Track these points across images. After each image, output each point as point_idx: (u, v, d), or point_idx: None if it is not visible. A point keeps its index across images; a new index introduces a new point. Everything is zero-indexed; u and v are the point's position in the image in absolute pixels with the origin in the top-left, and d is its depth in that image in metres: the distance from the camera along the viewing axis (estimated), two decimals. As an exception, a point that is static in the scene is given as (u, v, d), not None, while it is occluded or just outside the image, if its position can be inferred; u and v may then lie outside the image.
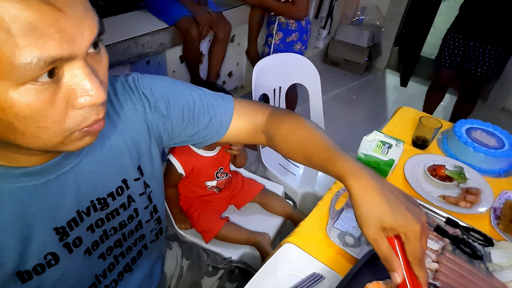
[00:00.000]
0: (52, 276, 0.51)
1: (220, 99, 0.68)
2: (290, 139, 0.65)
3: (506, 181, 1.02)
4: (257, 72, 1.39)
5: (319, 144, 0.61)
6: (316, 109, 1.62)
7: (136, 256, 0.68)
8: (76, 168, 0.51)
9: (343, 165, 0.55)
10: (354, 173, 0.53)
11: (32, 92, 0.36)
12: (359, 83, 3.35)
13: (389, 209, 0.48)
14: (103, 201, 0.56)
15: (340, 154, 0.57)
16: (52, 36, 0.34)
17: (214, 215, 1.19)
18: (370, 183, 0.51)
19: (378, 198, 0.49)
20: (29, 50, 0.33)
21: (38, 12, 0.33)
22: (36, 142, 0.40)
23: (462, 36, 2.06)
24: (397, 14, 3.34)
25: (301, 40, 2.06)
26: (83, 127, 0.42)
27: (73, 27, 0.36)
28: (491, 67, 2.02)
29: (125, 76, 0.60)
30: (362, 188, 0.51)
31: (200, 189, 1.21)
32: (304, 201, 1.40)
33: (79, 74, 0.38)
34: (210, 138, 0.69)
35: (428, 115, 1.16)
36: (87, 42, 0.38)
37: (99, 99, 0.40)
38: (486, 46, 1.98)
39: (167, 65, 2.05)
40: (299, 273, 0.72)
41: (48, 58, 0.34)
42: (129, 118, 0.58)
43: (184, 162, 1.13)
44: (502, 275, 0.72)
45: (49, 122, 0.38)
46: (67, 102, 0.39)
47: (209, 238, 1.15)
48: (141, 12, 2.01)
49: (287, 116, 0.68)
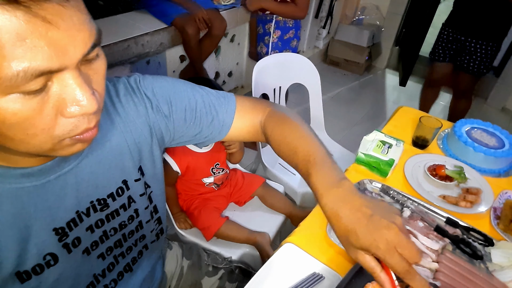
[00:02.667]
0: (51, 276, 0.51)
1: (222, 99, 0.68)
2: (282, 146, 0.65)
3: (506, 181, 1.02)
4: (257, 71, 1.39)
5: (303, 155, 0.60)
6: (316, 109, 1.62)
7: (137, 256, 0.68)
8: (76, 169, 0.51)
9: (315, 183, 0.55)
10: (323, 194, 0.53)
11: (19, 101, 0.35)
12: (359, 83, 3.35)
13: (354, 233, 0.49)
14: (103, 202, 0.56)
15: (317, 168, 0.56)
16: (41, 48, 0.33)
17: (215, 213, 1.19)
18: (337, 205, 0.52)
19: (344, 221, 0.50)
20: (16, 63, 0.32)
21: (27, 23, 0.32)
22: (26, 147, 0.39)
23: (455, 31, 2.11)
24: (397, 14, 3.34)
25: (296, 36, 2.08)
26: (73, 135, 0.41)
27: (65, 39, 0.35)
28: (483, 61, 2.07)
29: (127, 77, 0.60)
30: (330, 212, 0.52)
31: (198, 186, 1.21)
32: (304, 200, 1.40)
33: (71, 84, 0.37)
34: (213, 138, 0.69)
35: (428, 115, 1.16)
36: (79, 55, 0.37)
37: (90, 109, 0.39)
38: (478, 41, 2.04)
39: (167, 65, 2.05)
40: (299, 273, 0.72)
41: (36, 72, 0.33)
42: (131, 119, 0.58)
43: (179, 160, 1.13)
44: (502, 275, 0.72)
45: (38, 130, 0.38)
46: (57, 110, 0.38)
47: (210, 235, 1.15)
48: (140, 12, 2.01)
49: (283, 119, 0.67)
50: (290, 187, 1.41)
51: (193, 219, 1.21)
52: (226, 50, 2.44)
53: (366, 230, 0.48)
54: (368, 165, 0.99)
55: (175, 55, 2.08)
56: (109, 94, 0.56)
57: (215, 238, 1.17)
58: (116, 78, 0.60)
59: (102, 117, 0.51)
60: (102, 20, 1.87)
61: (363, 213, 0.50)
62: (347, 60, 3.47)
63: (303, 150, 0.61)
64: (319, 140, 0.64)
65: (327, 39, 3.50)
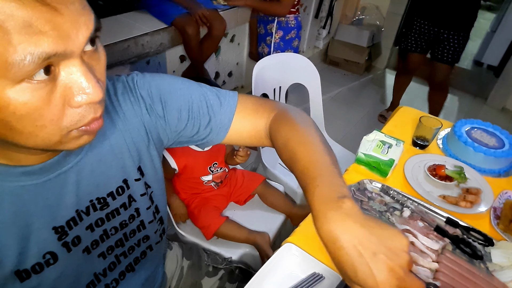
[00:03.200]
0: (51, 275, 0.51)
1: (222, 99, 0.65)
2: (284, 152, 0.59)
3: (506, 181, 1.02)
4: (257, 72, 1.39)
5: (300, 166, 0.53)
6: (316, 109, 1.62)
7: (140, 257, 0.68)
8: (77, 167, 0.51)
9: (311, 200, 0.47)
10: (317, 216, 0.45)
11: (28, 90, 0.36)
12: (359, 83, 3.35)
13: (352, 270, 0.42)
14: (103, 201, 0.56)
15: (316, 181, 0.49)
16: (46, 33, 0.34)
17: (214, 212, 1.19)
18: (331, 233, 0.43)
19: (342, 254, 0.43)
20: (23, 47, 0.33)
21: (34, 10, 0.33)
22: (34, 140, 0.40)
23: (428, 22, 2.20)
24: (397, 14, 3.33)
25: (298, 36, 2.09)
26: (80, 126, 0.42)
27: (68, 24, 0.36)
28: (456, 51, 2.17)
29: (126, 76, 0.60)
30: (326, 240, 0.44)
31: (197, 185, 1.22)
32: (304, 200, 1.40)
33: (76, 72, 0.38)
34: (211, 140, 0.66)
35: (428, 115, 1.16)
36: (83, 39, 0.38)
37: (96, 97, 0.40)
38: (450, 32, 2.13)
39: (167, 65, 2.05)
40: (299, 273, 0.72)
41: (43, 54, 0.34)
42: (128, 119, 0.58)
43: (177, 158, 1.14)
44: (502, 275, 0.72)
45: (46, 121, 0.38)
46: (64, 100, 0.39)
47: (210, 234, 1.15)
48: (141, 12, 2.01)
49: (287, 122, 0.62)
50: (290, 187, 1.41)
51: (193, 218, 1.21)
52: (226, 50, 2.44)
53: (367, 270, 0.42)
54: (368, 165, 0.99)
55: (175, 55, 2.08)
56: (108, 93, 0.56)
57: (215, 238, 1.18)
58: (116, 76, 0.59)
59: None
60: (102, 20, 1.85)
61: (365, 248, 0.42)
62: (347, 60, 3.47)
63: (302, 158, 0.54)
64: (325, 147, 0.56)
65: (327, 39, 3.50)
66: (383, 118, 2.76)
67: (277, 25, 2.01)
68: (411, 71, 2.49)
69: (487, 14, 4.87)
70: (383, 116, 2.78)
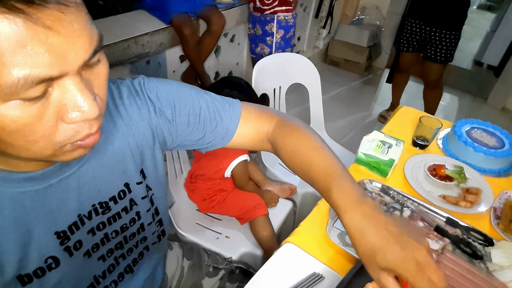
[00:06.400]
0: (52, 279, 0.51)
1: (227, 105, 0.67)
2: (294, 157, 0.64)
3: (506, 181, 1.02)
4: (257, 72, 1.39)
5: (320, 168, 0.59)
6: (316, 109, 1.62)
7: (138, 258, 0.68)
8: (78, 172, 0.51)
9: (337, 199, 0.54)
10: (346, 211, 0.52)
11: (18, 107, 0.34)
12: (359, 83, 3.35)
13: (381, 251, 0.47)
14: (105, 205, 0.56)
15: (337, 182, 0.55)
16: (42, 55, 0.32)
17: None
18: (362, 223, 0.50)
19: (370, 239, 0.49)
20: (17, 70, 0.32)
21: (27, 30, 0.31)
22: (26, 153, 0.39)
23: (419, 22, 2.20)
24: (397, 14, 3.33)
25: (294, 33, 2.11)
26: (74, 141, 0.40)
27: (65, 46, 0.34)
28: (449, 50, 2.18)
29: (131, 79, 0.60)
30: (355, 229, 0.51)
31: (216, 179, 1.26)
32: (304, 201, 1.40)
33: (71, 89, 0.37)
34: (215, 144, 0.68)
35: (428, 115, 1.16)
36: (80, 61, 0.36)
37: (91, 114, 0.38)
38: (442, 31, 2.13)
39: (167, 65, 2.05)
40: (299, 273, 0.72)
41: (37, 79, 0.33)
42: (134, 122, 0.57)
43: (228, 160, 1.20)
44: (502, 275, 0.72)
45: (38, 136, 0.37)
46: (58, 116, 0.37)
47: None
48: (140, 12, 2.01)
49: (294, 129, 0.66)
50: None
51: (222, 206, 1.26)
52: (226, 50, 2.44)
53: (395, 250, 0.47)
54: (368, 165, 0.99)
55: (175, 55, 2.08)
56: (112, 97, 0.56)
57: (216, 238, 1.18)
58: (120, 80, 0.59)
59: (105, 120, 0.51)
60: (102, 20, 1.87)
61: (390, 232, 0.48)
62: (347, 60, 3.47)
63: (318, 163, 0.59)
64: (334, 153, 0.62)
65: (327, 39, 3.50)
66: (384, 118, 2.76)
67: (277, 25, 2.01)
68: (405, 70, 2.51)
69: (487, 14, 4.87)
70: (384, 116, 2.78)
